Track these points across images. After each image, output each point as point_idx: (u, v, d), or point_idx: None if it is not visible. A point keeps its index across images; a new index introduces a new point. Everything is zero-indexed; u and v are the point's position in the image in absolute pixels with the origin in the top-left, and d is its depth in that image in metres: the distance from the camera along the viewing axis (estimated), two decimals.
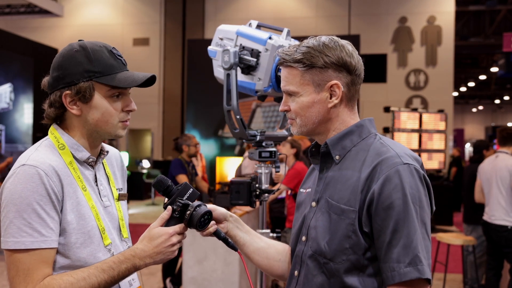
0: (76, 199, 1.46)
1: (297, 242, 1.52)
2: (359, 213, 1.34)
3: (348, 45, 1.46)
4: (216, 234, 1.56)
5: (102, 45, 1.52)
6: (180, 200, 1.48)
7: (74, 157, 1.51)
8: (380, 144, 1.42)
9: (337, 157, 1.46)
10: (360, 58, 1.48)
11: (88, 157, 1.54)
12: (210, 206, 1.58)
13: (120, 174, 1.72)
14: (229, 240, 1.59)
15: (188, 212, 1.47)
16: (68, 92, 1.47)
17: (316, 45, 1.44)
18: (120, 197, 1.66)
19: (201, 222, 1.48)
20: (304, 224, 1.50)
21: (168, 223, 1.48)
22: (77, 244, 1.44)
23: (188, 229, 1.52)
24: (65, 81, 1.47)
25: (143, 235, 1.48)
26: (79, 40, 1.55)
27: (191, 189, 1.53)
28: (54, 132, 1.53)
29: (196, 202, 1.50)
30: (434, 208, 1.39)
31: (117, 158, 1.74)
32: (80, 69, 1.46)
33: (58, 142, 1.50)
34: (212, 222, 1.54)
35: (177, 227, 1.47)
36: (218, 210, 1.61)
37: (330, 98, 1.44)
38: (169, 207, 1.48)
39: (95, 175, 1.57)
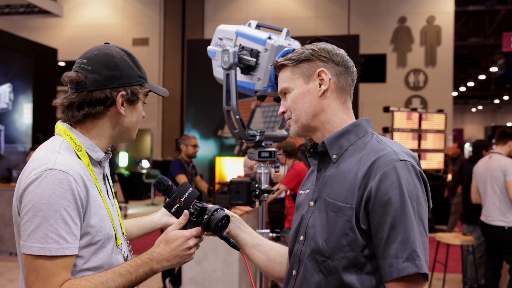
0: (97, 202, 1.46)
1: (295, 242, 1.53)
2: (356, 210, 1.35)
3: (333, 46, 1.54)
4: (218, 233, 1.56)
5: (133, 53, 1.60)
6: (197, 204, 1.50)
7: (90, 158, 1.50)
8: (377, 142, 1.43)
9: (334, 156, 1.47)
10: (349, 59, 1.55)
11: (103, 157, 1.54)
12: (212, 207, 1.59)
13: (109, 173, 1.73)
14: (231, 240, 1.59)
15: (206, 216, 1.48)
16: (123, 92, 1.50)
17: (305, 46, 1.54)
18: (116, 196, 1.68)
19: (218, 227, 1.49)
20: (302, 223, 1.51)
21: (185, 226, 1.48)
22: (97, 246, 1.44)
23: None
24: (121, 82, 1.49)
25: (159, 238, 1.49)
26: (105, 43, 1.57)
27: (190, 189, 1.53)
28: (68, 133, 1.50)
29: (214, 206, 1.51)
30: (431, 205, 1.39)
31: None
32: (134, 73, 1.53)
33: (75, 144, 1.48)
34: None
35: (194, 230, 1.48)
36: None
37: (319, 86, 1.49)
38: (186, 212, 1.49)
39: (103, 174, 1.58)
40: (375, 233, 1.32)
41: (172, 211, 1.52)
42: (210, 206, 1.51)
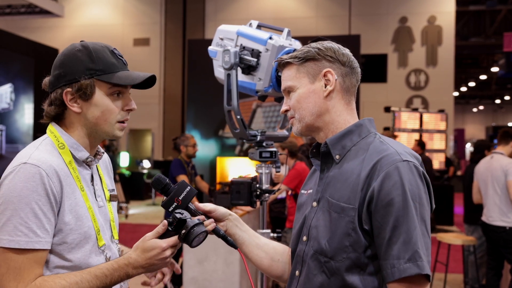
0: (75, 199, 1.45)
1: (298, 242, 1.52)
2: (359, 210, 1.34)
3: (339, 46, 1.53)
4: (215, 231, 1.55)
5: (103, 45, 1.54)
6: (176, 214, 1.47)
7: (73, 156, 1.51)
8: (379, 142, 1.43)
9: (337, 156, 1.46)
10: (355, 59, 1.53)
11: (87, 157, 1.54)
12: (210, 206, 1.58)
13: (109, 176, 1.72)
14: (228, 238, 1.58)
15: (184, 232, 1.45)
16: (69, 89, 1.48)
17: (311, 45, 1.52)
18: (111, 198, 1.66)
19: (195, 241, 1.46)
20: (305, 224, 1.50)
21: (163, 234, 1.47)
22: (73, 244, 1.43)
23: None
24: (66, 79, 1.48)
25: (136, 244, 1.48)
26: (80, 41, 1.56)
27: (188, 188, 1.52)
28: (53, 131, 1.52)
29: (194, 221, 1.47)
30: (433, 206, 1.39)
31: (105, 160, 1.74)
32: (81, 67, 1.48)
33: (58, 141, 1.50)
34: (211, 220, 1.54)
35: (171, 241, 1.46)
36: (218, 210, 1.61)
37: (325, 87, 1.47)
38: (164, 221, 1.47)
39: (92, 175, 1.57)
40: (377, 234, 1.32)
41: (170, 210, 1.51)
42: (189, 218, 1.47)
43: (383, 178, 1.31)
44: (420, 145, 8.98)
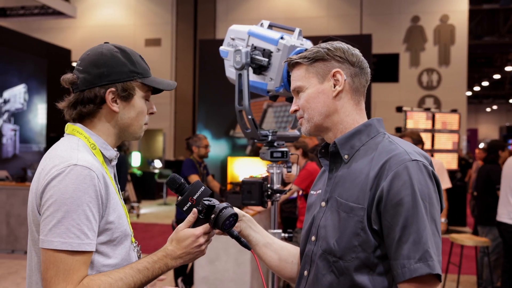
0: (115, 199, 1.48)
1: (307, 242, 1.53)
2: (368, 210, 1.34)
3: (349, 47, 1.52)
4: (229, 232, 1.56)
5: (133, 50, 1.59)
6: (204, 201, 1.51)
7: (103, 156, 1.53)
8: (388, 142, 1.42)
9: (346, 156, 1.46)
10: (364, 59, 1.53)
11: (115, 155, 1.58)
12: (220, 205, 1.59)
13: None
14: (242, 239, 1.60)
15: (213, 216, 1.49)
16: (113, 89, 1.50)
17: (320, 45, 1.52)
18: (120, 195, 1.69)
19: (226, 224, 1.50)
20: (314, 224, 1.50)
21: (195, 224, 1.51)
22: (116, 242, 1.46)
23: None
24: (110, 78, 1.50)
25: (171, 236, 1.52)
26: (105, 43, 1.58)
27: (203, 187, 1.55)
28: (81, 132, 1.52)
29: (222, 204, 1.52)
30: (444, 205, 1.38)
31: None
32: (125, 68, 1.52)
33: (89, 142, 1.51)
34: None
35: (203, 228, 1.50)
36: None
37: (334, 87, 1.47)
38: (194, 210, 1.51)
39: (114, 173, 1.60)
40: (387, 234, 1.31)
41: (184, 209, 1.54)
42: (218, 204, 1.52)
43: (392, 178, 1.31)
44: (417, 144, 8.89)
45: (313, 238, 1.49)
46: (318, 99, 1.48)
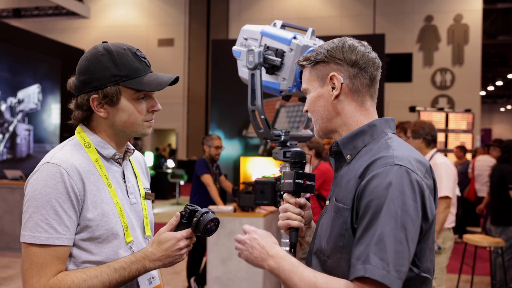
0: (100, 196, 1.49)
1: (313, 240, 1.54)
2: (351, 211, 1.33)
3: (353, 41, 1.48)
4: (292, 235, 1.55)
5: (126, 48, 1.55)
6: (188, 206, 1.53)
7: (100, 154, 1.55)
8: (385, 144, 1.38)
9: (348, 156, 1.45)
10: (371, 54, 1.47)
11: (114, 154, 1.57)
12: (305, 200, 1.57)
13: (144, 175, 1.77)
14: (294, 249, 1.55)
15: (195, 219, 1.51)
16: (95, 96, 1.50)
17: (324, 44, 1.50)
18: (146, 196, 1.69)
19: (207, 229, 1.51)
20: (318, 223, 1.52)
21: (177, 228, 1.52)
22: (100, 239, 1.48)
23: (216, 231, 1.55)
24: (92, 85, 1.50)
25: (152, 239, 1.53)
26: (103, 42, 1.58)
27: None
28: (81, 132, 1.57)
29: (204, 209, 1.53)
30: (430, 216, 1.31)
31: (141, 161, 1.79)
32: (106, 73, 1.49)
33: (84, 141, 1.54)
34: (299, 217, 1.54)
35: (184, 232, 1.51)
36: (308, 211, 1.62)
37: (332, 91, 1.46)
38: (177, 213, 1.53)
39: (123, 172, 1.61)
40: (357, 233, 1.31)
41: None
42: (200, 209, 1.53)
43: (370, 179, 1.29)
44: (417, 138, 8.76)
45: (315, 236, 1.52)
46: (319, 103, 1.48)
